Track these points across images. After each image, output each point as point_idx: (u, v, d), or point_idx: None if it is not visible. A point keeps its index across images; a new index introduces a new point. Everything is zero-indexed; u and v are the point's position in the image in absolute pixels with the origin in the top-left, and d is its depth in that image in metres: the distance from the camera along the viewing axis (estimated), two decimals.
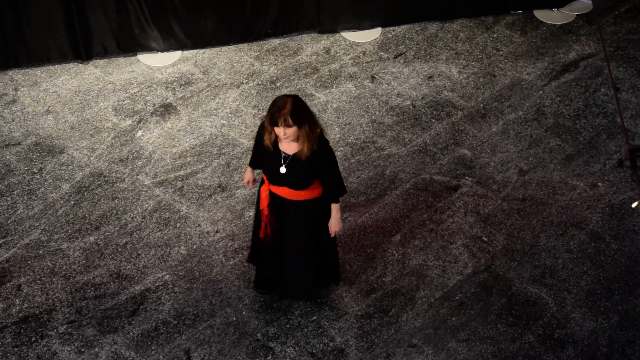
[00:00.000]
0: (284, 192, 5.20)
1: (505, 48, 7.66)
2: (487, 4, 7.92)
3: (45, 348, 5.57)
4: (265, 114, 5.11)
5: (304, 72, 7.42)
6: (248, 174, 5.54)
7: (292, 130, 4.88)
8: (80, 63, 7.46)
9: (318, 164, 5.05)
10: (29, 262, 6.04)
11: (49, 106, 7.12)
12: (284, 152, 5.05)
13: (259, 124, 5.23)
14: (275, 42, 7.71)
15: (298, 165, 5.03)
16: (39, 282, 5.92)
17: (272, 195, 5.26)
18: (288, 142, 5.00)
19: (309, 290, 5.72)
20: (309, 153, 4.97)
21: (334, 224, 5.31)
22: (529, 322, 5.71)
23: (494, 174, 6.63)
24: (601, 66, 7.47)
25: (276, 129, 4.91)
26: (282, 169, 5.06)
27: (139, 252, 6.10)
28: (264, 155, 5.15)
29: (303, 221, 5.29)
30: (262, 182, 5.31)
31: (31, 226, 6.26)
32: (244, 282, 5.91)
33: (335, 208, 5.27)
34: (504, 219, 6.31)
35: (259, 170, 5.56)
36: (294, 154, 5.02)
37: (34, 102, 7.15)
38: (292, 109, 4.83)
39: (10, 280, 5.93)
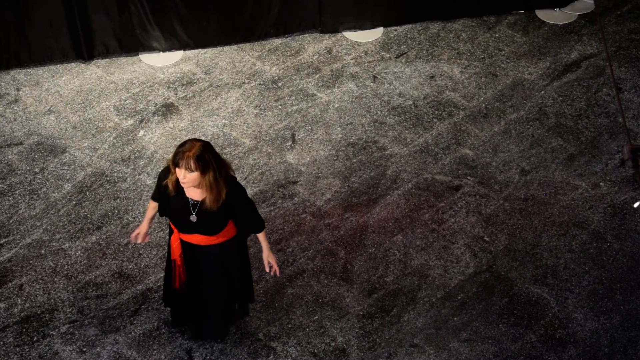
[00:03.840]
0: (196, 239, 4.91)
1: (507, 48, 7.66)
2: (489, 4, 7.92)
3: (47, 347, 5.57)
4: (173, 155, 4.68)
5: (305, 72, 7.43)
6: (144, 224, 5.14)
7: (192, 176, 4.55)
8: (82, 63, 7.47)
9: (230, 208, 4.76)
10: (31, 261, 6.04)
11: (51, 106, 7.12)
12: (192, 199, 4.75)
13: (161, 170, 4.87)
14: (277, 41, 7.71)
15: (209, 212, 4.73)
16: (40, 281, 5.93)
17: (185, 244, 4.98)
18: (188, 187, 4.65)
19: (224, 330, 5.51)
20: (215, 204, 4.67)
21: (269, 257, 5.05)
22: (531, 322, 5.71)
23: (495, 173, 6.63)
24: (603, 66, 7.47)
25: (177, 171, 4.57)
26: (193, 217, 4.76)
27: (141, 252, 6.10)
28: (169, 202, 4.83)
29: (219, 265, 5.04)
30: (171, 232, 5.00)
31: (33, 226, 6.26)
32: None
33: (262, 240, 5.03)
34: (505, 219, 6.31)
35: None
36: (202, 201, 4.71)
37: (36, 101, 7.15)
38: (198, 153, 4.50)
39: (12, 280, 5.93)
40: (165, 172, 4.81)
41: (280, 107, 7.11)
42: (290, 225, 6.27)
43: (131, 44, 7.47)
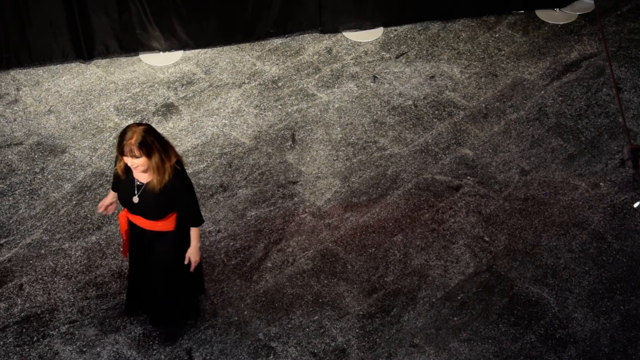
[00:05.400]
0: (139, 221, 5.03)
1: (507, 48, 7.66)
2: (489, 4, 7.92)
3: (47, 348, 5.57)
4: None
5: (305, 72, 7.43)
6: (108, 197, 5.27)
7: (140, 161, 4.70)
8: (82, 63, 7.47)
9: (171, 195, 4.86)
10: (31, 261, 6.04)
11: (51, 106, 7.12)
12: (138, 180, 4.89)
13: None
14: (277, 41, 7.71)
15: (151, 195, 4.86)
16: (40, 281, 5.93)
17: (131, 223, 5.11)
18: (138, 171, 4.82)
19: (168, 319, 5.51)
20: (159, 186, 4.80)
21: (192, 254, 5.12)
22: (531, 322, 5.71)
23: (495, 173, 6.63)
24: (603, 66, 7.47)
25: (125, 159, 4.74)
26: (135, 199, 4.89)
27: None
28: (119, 182, 4.99)
29: (160, 251, 5.11)
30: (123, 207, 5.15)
31: (33, 226, 6.26)
32: (245, 282, 5.91)
33: (194, 236, 5.08)
34: (505, 219, 6.31)
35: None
36: (147, 184, 4.86)
37: (36, 101, 7.15)
38: (140, 139, 4.64)
39: (12, 280, 5.93)
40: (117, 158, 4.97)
41: (280, 107, 7.11)
42: (290, 225, 6.27)
43: (131, 44, 7.47)
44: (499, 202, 6.43)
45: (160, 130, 6.89)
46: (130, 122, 6.96)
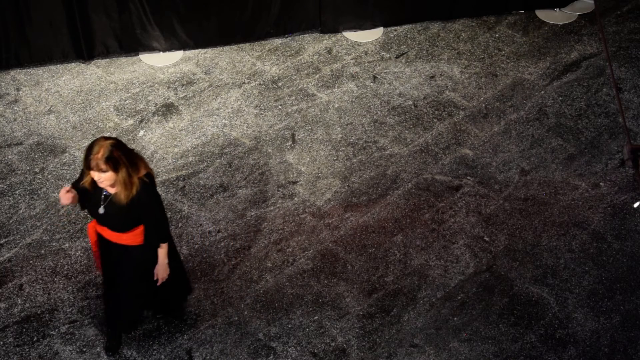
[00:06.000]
0: (106, 233, 4.99)
1: (507, 48, 7.66)
2: (489, 4, 7.92)
3: (47, 348, 5.57)
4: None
5: (305, 72, 7.42)
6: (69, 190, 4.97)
7: (106, 176, 4.65)
8: (82, 63, 7.47)
9: (138, 208, 4.82)
10: (31, 261, 6.04)
11: (51, 106, 7.12)
12: (105, 191, 4.84)
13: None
14: (277, 41, 7.71)
15: (117, 207, 4.81)
16: (40, 281, 5.93)
17: (100, 234, 5.08)
18: (105, 185, 4.76)
19: (125, 328, 5.52)
20: (125, 200, 4.75)
21: (160, 270, 5.11)
22: (531, 322, 5.71)
23: (495, 173, 6.63)
24: (603, 66, 7.47)
25: (92, 173, 4.69)
26: (101, 210, 4.85)
27: None
28: (88, 196, 4.92)
29: (126, 264, 5.08)
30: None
31: (33, 226, 6.26)
32: (245, 282, 5.91)
33: (160, 253, 5.05)
34: (505, 219, 6.31)
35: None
36: (114, 195, 4.81)
37: (36, 101, 7.15)
38: (106, 154, 4.59)
39: (12, 280, 5.93)
40: (83, 172, 4.90)
41: (280, 107, 7.11)
42: (290, 225, 6.27)
43: (131, 44, 7.47)
44: (499, 202, 6.43)
45: (160, 130, 6.89)
46: (131, 122, 6.97)
